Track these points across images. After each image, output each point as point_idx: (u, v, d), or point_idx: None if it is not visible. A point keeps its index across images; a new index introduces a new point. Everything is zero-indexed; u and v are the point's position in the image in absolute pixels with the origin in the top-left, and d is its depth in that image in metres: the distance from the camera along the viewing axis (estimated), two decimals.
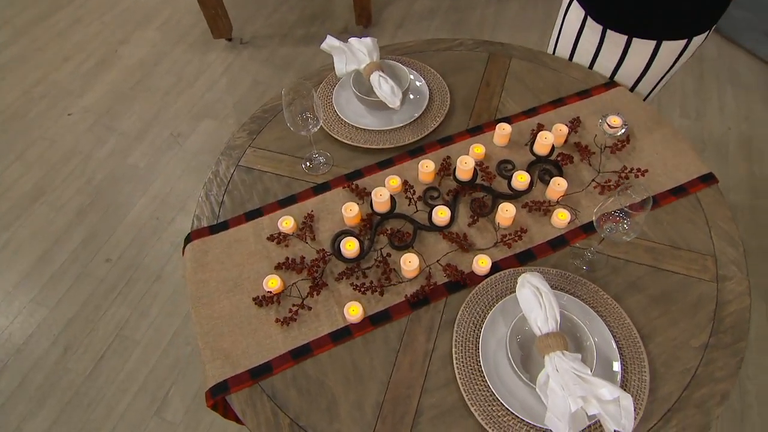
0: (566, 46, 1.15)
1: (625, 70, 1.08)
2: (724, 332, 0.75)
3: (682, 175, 0.91)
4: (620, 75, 1.09)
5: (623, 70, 1.08)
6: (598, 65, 1.11)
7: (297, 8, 2.49)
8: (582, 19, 1.06)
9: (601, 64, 1.10)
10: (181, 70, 2.27)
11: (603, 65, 1.10)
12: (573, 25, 1.10)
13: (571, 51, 1.14)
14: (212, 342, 0.79)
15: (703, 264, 0.82)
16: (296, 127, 0.89)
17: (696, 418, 0.69)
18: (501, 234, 0.86)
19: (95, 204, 1.83)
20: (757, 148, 1.82)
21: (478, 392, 0.71)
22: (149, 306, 1.58)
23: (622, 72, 1.09)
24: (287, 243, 0.88)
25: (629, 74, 1.08)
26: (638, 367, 0.71)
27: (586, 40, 1.09)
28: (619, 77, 1.10)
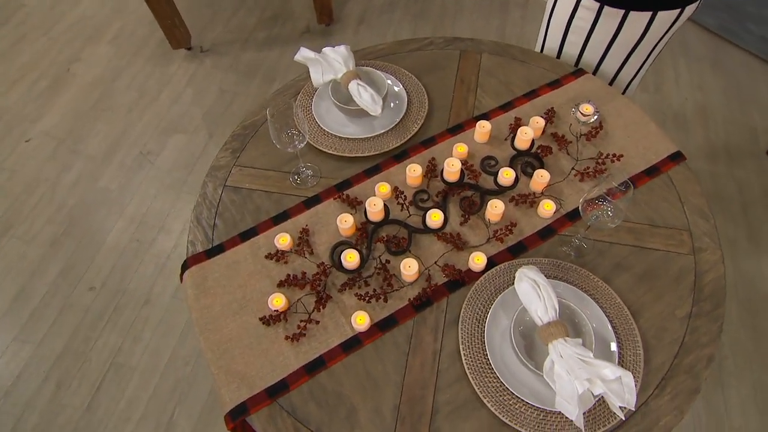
0: (559, 25, 1.16)
1: (619, 44, 1.10)
2: (705, 301, 0.82)
3: (653, 156, 0.97)
4: (613, 50, 1.12)
5: (617, 45, 1.10)
6: (592, 41, 1.12)
7: (255, 11, 2.44)
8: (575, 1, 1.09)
9: (596, 39, 1.11)
10: (143, 84, 2.20)
11: (597, 39, 1.11)
12: (566, 7, 1.12)
13: (564, 29, 1.15)
14: (225, 366, 0.80)
15: (679, 239, 0.88)
16: (282, 144, 0.89)
17: (687, 383, 0.75)
18: (492, 230, 0.89)
19: (69, 232, 1.78)
20: (711, 115, 1.93)
21: (488, 384, 0.75)
22: (141, 330, 1.56)
23: (614, 47, 1.11)
24: (286, 260, 0.89)
25: (622, 48, 1.11)
26: (632, 343, 0.77)
27: (581, 18, 1.10)
28: (611, 53, 1.12)
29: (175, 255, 1.70)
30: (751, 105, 1.94)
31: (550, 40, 1.23)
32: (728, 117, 1.92)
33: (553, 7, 1.17)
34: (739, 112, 1.93)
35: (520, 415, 0.72)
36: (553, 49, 1.23)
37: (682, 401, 0.74)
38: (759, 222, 1.65)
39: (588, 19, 1.09)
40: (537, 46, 1.31)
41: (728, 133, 1.87)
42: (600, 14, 1.06)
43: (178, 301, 1.61)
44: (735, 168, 1.79)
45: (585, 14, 1.09)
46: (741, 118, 1.91)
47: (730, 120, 1.91)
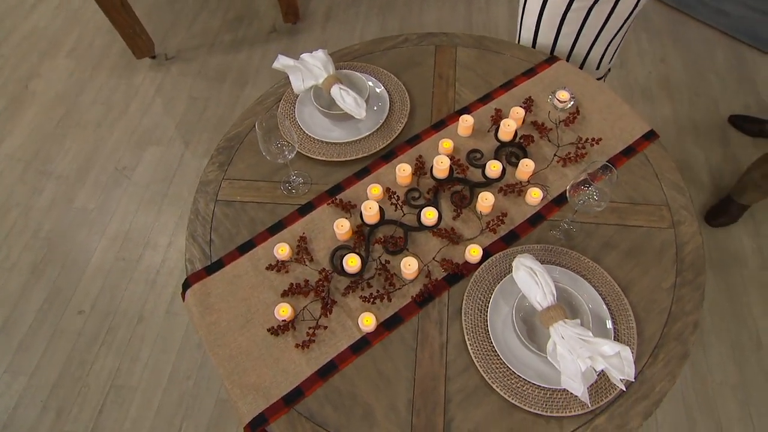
0: (553, 18, 1.17)
1: (589, 26, 1.14)
2: (687, 270, 0.87)
3: (629, 137, 1.02)
4: (589, 21, 1.14)
5: (587, 27, 1.14)
6: (569, 15, 1.14)
7: (218, 13, 2.39)
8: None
9: (575, 10, 1.13)
10: (109, 97, 2.14)
11: (576, 11, 1.13)
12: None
13: (540, 7, 1.17)
14: (239, 380, 0.81)
15: (659, 214, 0.93)
16: (273, 156, 0.90)
17: (677, 349, 0.81)
18: (485, 221, 0.93)
19: (50, 257, 1.73)
20: (676, 87, 2.01)
21: (495, 370, 0.79)
22: (138, 350, 1.55)
23: (591, 18, 1.13)
24: (287, 269, 0.90)
25: (598, 18, 1.13)
26: (625, 317, 0.81)
27: (575, 11, 1.11)
28: (588, 24, 1.15)
29: (164, 270, 1.69)
30: (711, 75, 2.03)
31: (542, 35, 1.23)
32: (691, 87, 2.00)
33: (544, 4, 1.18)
34: (701, 82, 2.01)
35: (528, 396, 0.76)
36: (527, 39, 1.26)
37: (674, 366, 0.79)
38: (725, 187, 1.74)
39: (583, 7, 1.11)
40: (526, 43, 1.31)
41: (692, 104, 1.95)
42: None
43: (173, 316, 1.60)
44: (700, 136, 1.87)
45: (580, 5, 1.10)
46: (702, 87, 2.00)
47: (693, 90, 1.99)
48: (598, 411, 0.76)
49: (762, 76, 1.99)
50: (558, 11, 1.14)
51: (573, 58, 1.24)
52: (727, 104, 1.94)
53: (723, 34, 2.13)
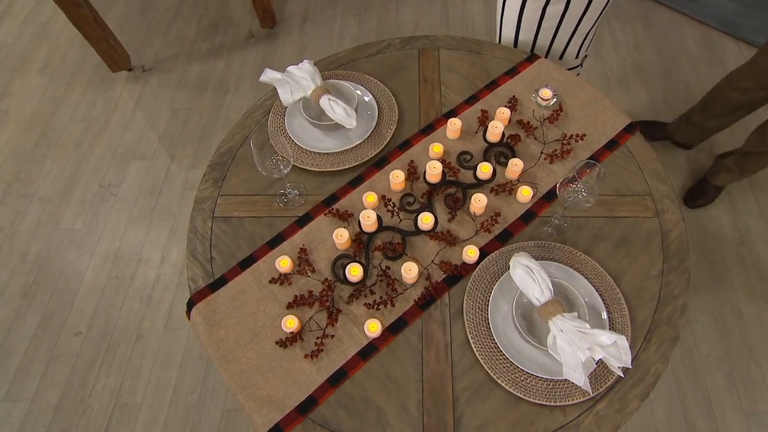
0: (533, 14, 1.21)
1: (568, 19, 1.17)
2: (672, 257, 0.92)
3: (611, 130, 1.05)
4: (568, 14, 1.17)
5: (565, 20, 1.18)
6: (549, 9, 1.17)
7: (192, 21, 2.36)
8: None
9: (554, 3, 1.16)
10: (87, 113, 2.10)
11: (555, 4, 1.16)
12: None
13: (520, 4, 1.20)
14: (252, 393, 0.83)
15: (644, 204, 0.97)
16: (268, 171, 0.91)
17: (668, 332, 0.85)
18: (479, 222, 0.95)
19: (40, 281, 1.71)
20: (649, 73, 2.07)
21: (499, 366, 0.82)
22: (139, 367, 1.55)
23: (570, 11, 1.16)
24: (290, 281, 0.92)
25: (576, 11, 1.17)
26: (618, 306, 0.86)
27: (554, 5, 1.15)
28: (567, 17, 1.18)
29: (159, 285, 1.68)
30: (682, 60, 2.09)
31: (523, 32, 1.27)
32: (664, 73, 2.06)
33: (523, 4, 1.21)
34: (673, 68, 2.08)
35: (531, 388, 0.80)
36: (509, 37, 1.29)
37: (666, 349, 0.84)
38: (701, 168, 1.81)
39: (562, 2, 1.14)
40: (504, 41, 1.35)
41: (666, 89, 2.01)
42: None
43: (172, 331, 1.60)
44: None
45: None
46: (675, 72, 2.06)
47: (666, 75, 2.05)
48: (599, 397, 0.80)
49: (730, 59, 2.06)
50: (539, 4, 1.17)
51: (552, 52, 1.27)
52: (699, 88, 2.01)
53: (692, 19, 2.20)
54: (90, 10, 1.90)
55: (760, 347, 1.49)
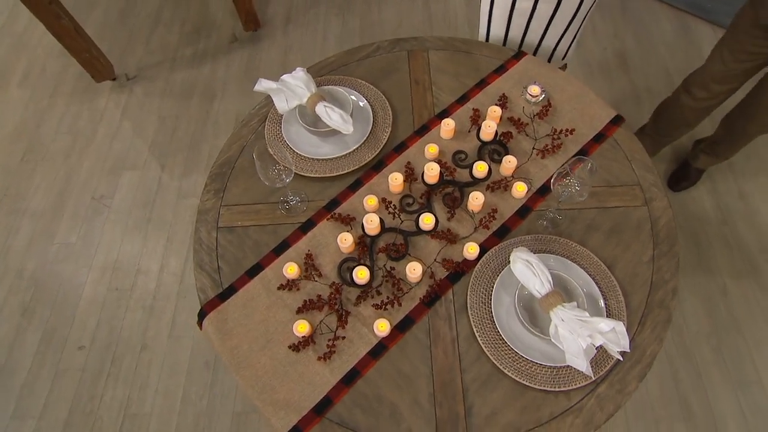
0: (503, 10, 1.25)
1: (559, 18, 1.21)
2: (662, 243, 0.96)
3: (598, 123, 1.09)
4: (553, 24, 1.21)
5: (557, 19, 1.21)
6: (540, 7, 1.20)
7: (174, 27, 2.34)
8: None
9: (545, 1, 1.19)
10: (73, 125, 2.08)
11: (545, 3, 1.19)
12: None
13: (509, 13, 1.24)
14: (268, 397, 0.86)
15: (633, 194, 1.02)
16: (271, 181, 0.93)
17: (661, 314, 0.90)
18: (477, 219, 0.99)
19: (39, 297, 1.71)
20: (630, 59, 2.12)
21: (505, 356, 0.86)
22: (146, 376, 1.56)
23: (555, 21, 1.20)
24: (298, 287, 0.94)
25: (561, 21, 1.21)
26: (613, 293, 0.90)
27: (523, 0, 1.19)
28: (551, 28, 1.22)
29: (160, 295, 1.69)
30: (661, 45, 2.15)
31: (494, 26, 1.30)
32: (644, 59, 2.11)
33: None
34: (652, 53, 2.13)
35: (536, 375, 0.84)
36: (498, 35, 1.32)
37: (660, 330, 0.89)
38: (683, 151, 1.87)
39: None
40: (480, 36, 1.39)
41: (646, 75, 2.07)
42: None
43: (176, 340, 1.61)
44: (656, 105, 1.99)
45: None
46: (654, 59, 2.11)
47: (646, 62, 2.11)
48: (599, 380, 0.85)
49: (706, 43, 2.12)
50: (528, 4, 1.20)
51: (541, 51, 1.31)
52: (678, 72, 2.06)
53: (666, 5, 2.25)
54: (70, 21, 1.88)
55: (745, 321, 1.56)
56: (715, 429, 1.42)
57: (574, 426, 0.82)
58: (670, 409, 1.44)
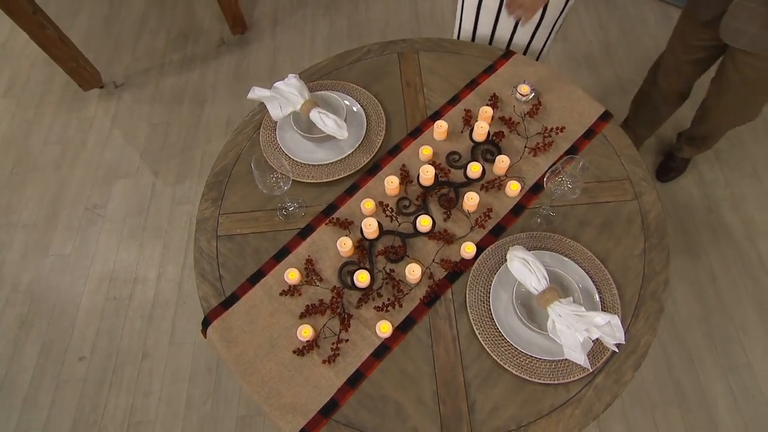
0: (471, 8, 1.27)
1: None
2: (653, 236, 0.99)
3: (588, 120, 1.12)
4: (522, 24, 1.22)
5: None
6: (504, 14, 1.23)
7: (160, 33, 2.32)
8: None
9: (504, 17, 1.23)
10: (62, 135, 2.07)
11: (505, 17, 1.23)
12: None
13: (476, 9, 1.26)
14: (275, 402, 0.87)
15: (623, 188, 1.04)
16: (269, 189, 0.94)
17: (654, 306, 0.93)
18: (473, 219, 1.01)
19: (36, 310, 1.70)
20: (615, 51, 2.15)
21: (504, 352, 0.88)
22: (149, 384, 1.57)
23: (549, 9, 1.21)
24: (300, 292, 0.96)
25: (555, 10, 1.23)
26: (607, 286, 0.93)
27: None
28: (522, 27, 1.24)
29: (158, 302, 1.69)
30: (645, 36, 2.18)
31: (464, 22, 1.32)
32: (629, 50, 2.15)
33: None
34: (636, 44, 2.16)
35: (536, 369, 0.87)
36: (468, 30, 1.33)
37: (653, 321, 0.92)
38: (668, 142, 1.91)
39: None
40: (453, 33, 1.41)
41: (632, 66, 2.10)
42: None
43: (177, 347, 1.62)
44: None
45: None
46: (639, 50, 2.15)
47: (631, 53, 2.14)
48: (597, 371, 0.88)
49: None
50: (494, 3, 1.21)
51: (530, 50, 1.32)
52: None
53: None
54: (55, 30, 1.86)
55: (734, 306, 1.61)
56: (707, 412, 1.46)
57: (574, 416, 0.85)
58: (665, 394, 1.49)
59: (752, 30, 1.08)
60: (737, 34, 1.11)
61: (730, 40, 1.15)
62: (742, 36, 1.11)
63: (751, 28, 1.07)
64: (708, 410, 1.46)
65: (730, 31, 1.13)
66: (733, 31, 1.12)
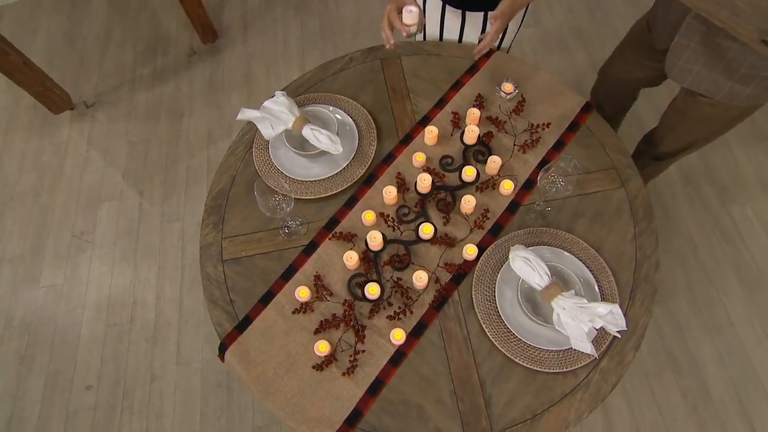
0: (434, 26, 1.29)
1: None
2: (641, 221, 1.05)
3: (571, 113, 1.16)
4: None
5: None
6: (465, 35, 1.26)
7: (126, 46, 2.25)
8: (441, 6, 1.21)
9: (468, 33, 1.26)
10: (37, 162, 2.01)
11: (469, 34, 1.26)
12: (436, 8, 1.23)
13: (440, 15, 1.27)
14: (301, 417, 0.90)
15: (610, 177, 1.09)
16: (272, 211, 0.95)
17: (647, 288, 0.99)
18: (471, 221, 1.05)
19: (35, 343, 1.68)
20: (585, 33, 2.19)
21: (514, 347, 0.93)
22: (161, 406, 1.58)
23: None
24: (312, 308, 0.98)
25: None
26: (604, 274, 0.98)
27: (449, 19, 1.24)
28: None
29: (161, 323, 1.69)
30: (613, 16, 2.23)
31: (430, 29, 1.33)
32: (599, 31, 2.19)
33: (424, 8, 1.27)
34: (606, 26, 2.21)
35: (545, 360, 0.92)
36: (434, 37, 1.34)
37: (648, 302, 0.98)
38: (648, 124, 1.97)
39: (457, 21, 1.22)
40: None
41: (603, 46, 2.15)
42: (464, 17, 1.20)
43: (185, 366, 1.63)
44: None
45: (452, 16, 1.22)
46: (608, 30, 2.20)
47: (601, 34, 2.19)
48: (601, 355, 0.93)
49: None
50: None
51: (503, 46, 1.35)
52: None
53: None
54: (18, 55, 1.79)
55: (714, 271, 1.70)
56: (698, 373, 1.56)
57: (584, 400, 0.90)
58: (658, 362, 1.58)
59: (695, 69, 1.03)
60: (682, 72, 1.06)
61: (675, 78, 1.09)
62: (687, 74, 1.05)
63: (694, 66, 1.03)
64: (699, 372, 1.56)
65: (675, 69, 1.07)
66: (678, 69, 1.06)
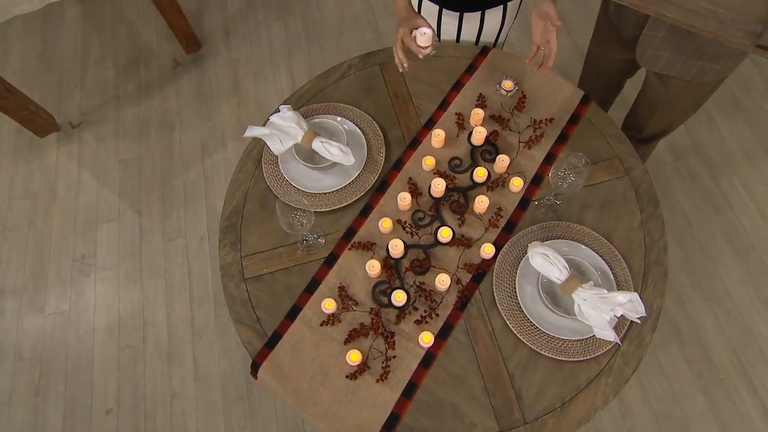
0: None
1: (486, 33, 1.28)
2: (647, 207, 1.09)
3: (571, 106, 1.19)
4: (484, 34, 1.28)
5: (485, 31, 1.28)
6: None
7: (107, 62, 2.20)
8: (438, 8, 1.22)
9: (466, 31, 1.28)
10: (27, 188, 1.96)
11: (467, 32, 1.28)
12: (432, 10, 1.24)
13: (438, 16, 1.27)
14: (341, 426, 0.93)
15: (614, 167, 1.13)
16: (294, 229, 0.96)
17: (659, 270, 1.03)
18: (486, 220, 1.07)
19: (48, 373, 1.66)
20: (568, 19, 2.22)
21: (538, 339, 0.97)
22: (184, 424, 1.59)
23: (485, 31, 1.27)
24: (339, 319, 1.00)
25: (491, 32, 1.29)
26: (617, 262, 1.02)
27: (446, 22, 1.25)
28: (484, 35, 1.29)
29: (174, 341, 1.69)
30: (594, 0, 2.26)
31: None
32: (582, 16, 2.22)
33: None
34: (587, 9, 2.24)
35: (569, 350, 0.96)
36: None
37: (660, 285, 1.02)
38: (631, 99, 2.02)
39: (453, 22, 1.24)
40: None
41: (586, 31, 2.18)
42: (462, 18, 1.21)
43: (203, 381, 1.64)
44: None
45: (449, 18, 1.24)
46: (589, 13, 2.23)
47: (584, 19, 2.22)
48: (621, 340, 0.97)
49: None
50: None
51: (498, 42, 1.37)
52: None
53: None
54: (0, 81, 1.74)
55: (708, 243, 1.77)
56: (700, 342, 1.63)
57: (609, 384, 0.95)
58: (663, 335, 1.64)
59: (666, 54, 1.08)
60: (653, 59, 1.11)
61: (646, 65, 1.15)
62: (657, 60, 1.10)
63: (664, 53, 1.08)
64: (701, 341, 1.63)
65: (645, 58, 1.13)
66: (648, 58, 1.12)
